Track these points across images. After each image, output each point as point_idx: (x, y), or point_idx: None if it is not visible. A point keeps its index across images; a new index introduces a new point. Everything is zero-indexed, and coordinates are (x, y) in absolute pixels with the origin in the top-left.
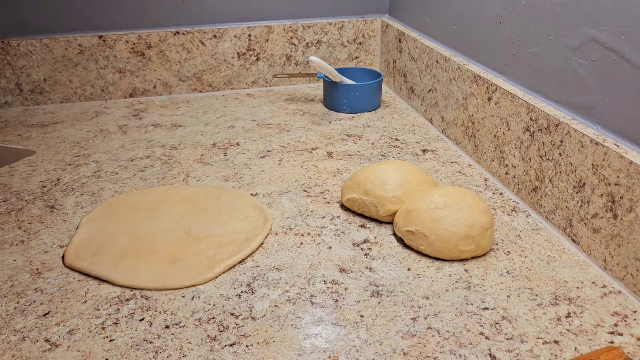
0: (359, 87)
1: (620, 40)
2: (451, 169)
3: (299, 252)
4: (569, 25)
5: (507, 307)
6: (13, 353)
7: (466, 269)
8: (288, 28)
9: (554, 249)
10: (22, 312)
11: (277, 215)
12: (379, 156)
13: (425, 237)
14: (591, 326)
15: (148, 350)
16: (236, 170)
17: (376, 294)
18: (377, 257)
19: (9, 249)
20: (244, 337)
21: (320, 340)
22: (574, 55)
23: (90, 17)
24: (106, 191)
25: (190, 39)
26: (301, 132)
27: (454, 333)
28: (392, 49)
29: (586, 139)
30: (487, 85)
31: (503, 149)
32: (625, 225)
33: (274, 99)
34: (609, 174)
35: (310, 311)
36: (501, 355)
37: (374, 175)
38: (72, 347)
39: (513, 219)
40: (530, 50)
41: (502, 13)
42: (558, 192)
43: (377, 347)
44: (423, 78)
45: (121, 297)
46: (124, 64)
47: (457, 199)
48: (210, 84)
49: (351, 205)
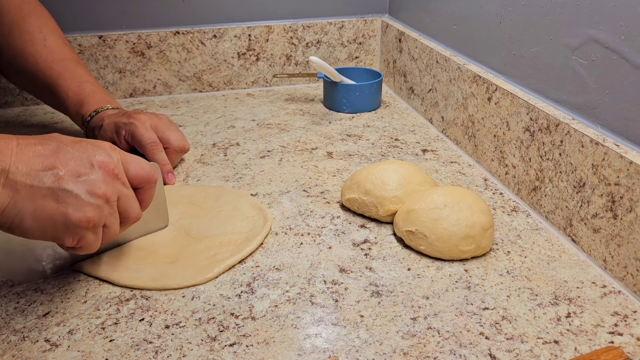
0: (359, 87)
1: (620, 40)
2: (451, 169)
3: (299, 252)
4: (569, 25)
5: (507, 307)
6: (13, 353)
7: (466, 269)
8: (288, 28)
9: (554, 249)
10: (22, 312)
11: (277, 215)
12: (379, 156)
13: (425, 237)
14: (591, 326)
15: (148, 350)
16: (236, 170)
17: (376, 294)
18: (377, 257)
19: None
20: (244, 337)
21: (320, 340)
22: (574, 55)
23: (90, 17)
24: None
25: (190, 39)
26: (301, 132)
27: (454, 333)
28: (392, 49)
29: (586, 139)
30: (487, 85)
31: (503, 149)
32: (625, 225)
33: (274, 99)
34: (609, 174)
35: (310, 311)
36: (501, 355)
37: (374, 175)
38: (72, 347)
39: (513, 219)
40: (530, 50)
41: (502, 13)
42: (558, 192)
43: (377, 347)
44: (423, 78)
45: (121, 297)
46: (124, 64)
47: (457, 199)
48: (210, 84)
49: (351, 205)
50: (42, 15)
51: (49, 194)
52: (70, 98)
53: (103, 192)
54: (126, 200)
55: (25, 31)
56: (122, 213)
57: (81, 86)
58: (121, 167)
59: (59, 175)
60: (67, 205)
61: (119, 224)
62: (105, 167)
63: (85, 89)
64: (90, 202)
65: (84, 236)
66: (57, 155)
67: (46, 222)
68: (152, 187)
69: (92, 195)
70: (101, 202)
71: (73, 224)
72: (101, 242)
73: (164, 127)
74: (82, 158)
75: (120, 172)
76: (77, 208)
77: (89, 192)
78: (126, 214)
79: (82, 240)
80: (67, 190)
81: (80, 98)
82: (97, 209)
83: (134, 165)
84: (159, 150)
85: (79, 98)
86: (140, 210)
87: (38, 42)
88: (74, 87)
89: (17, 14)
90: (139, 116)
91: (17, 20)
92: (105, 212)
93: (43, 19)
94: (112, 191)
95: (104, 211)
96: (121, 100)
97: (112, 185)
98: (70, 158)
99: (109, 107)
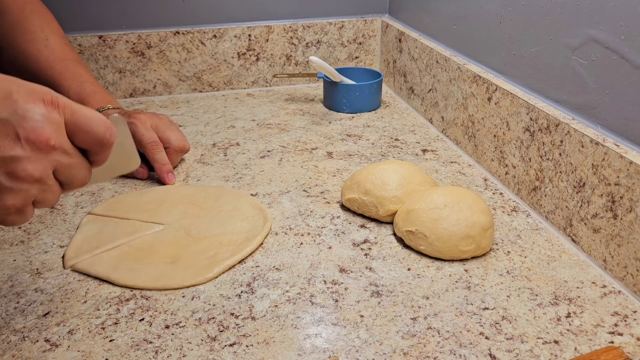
0: (359, 87)
1: (620, 40)
2: (451, 169)
3: (299, 252)
4: (569, 25)
5: (507, 307)
6: (13, 353)
7: (466, 269)
8: (288, 28)
9: (554, 249)
10: (22, 312)
11: (277, 215)
12: (379, 156)
13: (425, 237)
14: (591, 326)
15: (148, 350)
16: (236, 170)
17: (376, 294)
18: (377, 257)
19: (9, 249)
20: (244, 337)
21: (320, 340)
22: (574, 55)
23: (90, 17)
24: (106, 191)
25: (190, 39)
26: (301, 132)
27: (454, 333)
28: (392, 49)
29: (586, 139)
30: (487, 85)
31: (503, 149)
32: (625, 225)
33: (274, 99)
34: (609, 174)
35: (310, 311)
36: (501, 355)
37: (374, 175)
38: (72, 347)
39: (513, 219)
40: (530, 50)
41: (502, 13)
42: (558, 192)
43: (377, 347)
44: (423, 78)
45: (121, 297)
46: (124, 64)
47: (457, 199)
48: (210, 84)
49: (351, 205)
50: (45, 16)
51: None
52: (71, 97)
53: (29, 173)
54: (67, 170)
55: (28, 30)
56: (64, 181)
57: (82, 86)
58: (61, 132)
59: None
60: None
61: (57, 195)
62: (36, 138)
63: (86, 89)
64: (11, 187)
65: (5, 220)
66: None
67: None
68: (106, 149)
69: (14, 178)
70: (26, 185)
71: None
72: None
73: (164, 127)
74: (6, 126)
75: (58, 141)
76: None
77: (9, 174)
78: (68, 181)
79: (5, 222)
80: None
81: (80, 98)
82: (19, 194)
83: (83, 126)
84: (159, 150)
85: (80, 98)
86: (89, 174)
87: (40, 41)
88: (75, 86)
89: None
90: (139, 116)
91: (20, 19)
92: (32, 192)
93: (45, 19)
94: (44, 168)
95: (30, 192)
96: (121, 100)
97: (43, 161)
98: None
99: (110, 107)
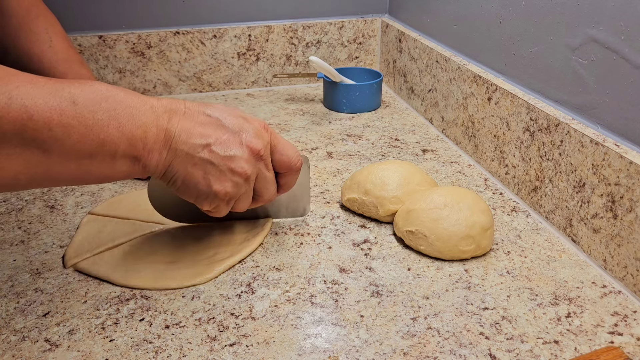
0: (359, 87)
1: (620, 40)
2: (451, 169)
3: (299, 252)
4: (569, 25)
5: (507, 307)
6: (13, 353)
7: (466, 269)
8: (288, 28)
9: (554, 249)
10: (22, 312)
11: None
12: (379, 156)
13: (425, 237)
14: (591, 326)
15: (148, 350)
16: None
17: (376, 294)
18: (377, 257)
19: (9, 249)
20: (244, 337)
21: (320, 340)
22: (574, 55)
23: (90, 17)
24: (106, 191)
25: (190, 39)
26: (301, 132)
27: (454, 333)
28: (392, 49)
29: (586, 139)
30: (487, 85)
31: (503, 149)
32: (625, 225)
33: (274, 99)
34: (609, 174)
35: (310, 311)
36: (501, 355)
37: (374, 175)
38: (72, 347)
39: (513, 219)
40: (530, 50)
41: (502, 13)
42: (558, 192)
43: (377, 347)
44: (423, 78)
45: (121, 297)
46: (124, 64)
47: (457, 199)
48: (210, 84)
49: (351, 205)
50: (49, 18)
51: (200, 164)
52: None
53: (244, 170)
54: (264, 181)
55: (32, 31)
56: (257, 191)
57: None
58: (268, 150)
59: (211, 149)
60: (211, 177)
61: (249, 202)
62: (253, 147)
63: None
64: (231, 179)
65: (219, 205)
66: (215, 128)
67: (192, 187)
68: (293, 174)
69: (234, 173)
70: (241, 180)
71: (213, 193)
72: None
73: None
74: (235, 135)
75: (265, 154)
76: (220, 182)
77: (232, 170)
78: (260, 192)
79: (216, 208)
80: (215, 165)
81: None
82: (235, 186)
83: (280, 150)
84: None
85: None
86: (275, 192)
87: (44, 42)
88: None
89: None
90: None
91: (25, 21)
92: (242, 189)
93: (50, 21)
94: (253, 170)
95: (241, 188)
96: None
97: (253, 165)
98: (224, 132)
99: None
